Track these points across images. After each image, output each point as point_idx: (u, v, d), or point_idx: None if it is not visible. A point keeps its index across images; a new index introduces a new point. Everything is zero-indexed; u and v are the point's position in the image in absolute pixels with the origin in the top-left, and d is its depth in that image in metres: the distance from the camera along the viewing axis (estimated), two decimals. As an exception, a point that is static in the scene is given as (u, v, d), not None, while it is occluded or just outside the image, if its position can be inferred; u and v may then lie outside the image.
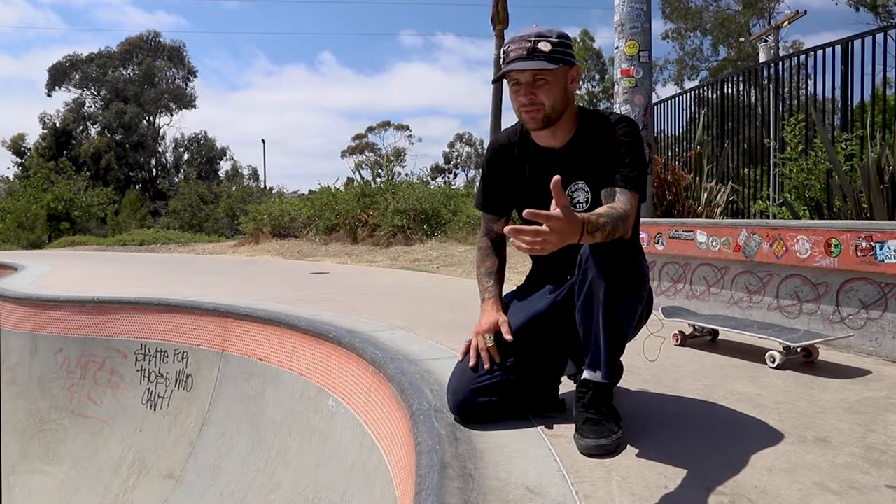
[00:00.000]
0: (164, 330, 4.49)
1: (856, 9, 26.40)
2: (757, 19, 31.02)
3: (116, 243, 17.17)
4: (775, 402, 2.12)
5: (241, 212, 17.37)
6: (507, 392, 1.91)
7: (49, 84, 41.02)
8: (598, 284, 1.72)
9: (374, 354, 2.69)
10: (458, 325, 3.40)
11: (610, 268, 1.70)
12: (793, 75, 6.49)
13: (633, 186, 1.81)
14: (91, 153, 37.98)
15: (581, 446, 1.71)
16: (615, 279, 1.71)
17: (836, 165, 4.43)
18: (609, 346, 1.77)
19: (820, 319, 2.92)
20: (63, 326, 5.25)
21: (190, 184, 30.04)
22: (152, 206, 33.09)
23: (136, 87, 40.84)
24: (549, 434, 1.83)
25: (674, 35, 33.34)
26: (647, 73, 4.61)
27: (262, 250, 11.77)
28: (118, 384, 4.64)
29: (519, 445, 1.75)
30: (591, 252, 1.71)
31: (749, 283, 3.31)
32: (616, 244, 1.68)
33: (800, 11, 18.21)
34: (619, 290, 1.71)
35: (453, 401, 1.91)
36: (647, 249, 3.96)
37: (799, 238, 2.98)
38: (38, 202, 21.87)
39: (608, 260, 1.69)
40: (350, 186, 13.40)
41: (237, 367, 3.80)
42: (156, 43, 42.45)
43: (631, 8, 4.53)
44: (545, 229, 1.39)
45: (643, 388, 2.30)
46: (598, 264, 1.69)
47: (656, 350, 2.68)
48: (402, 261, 8.28)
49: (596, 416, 1.77)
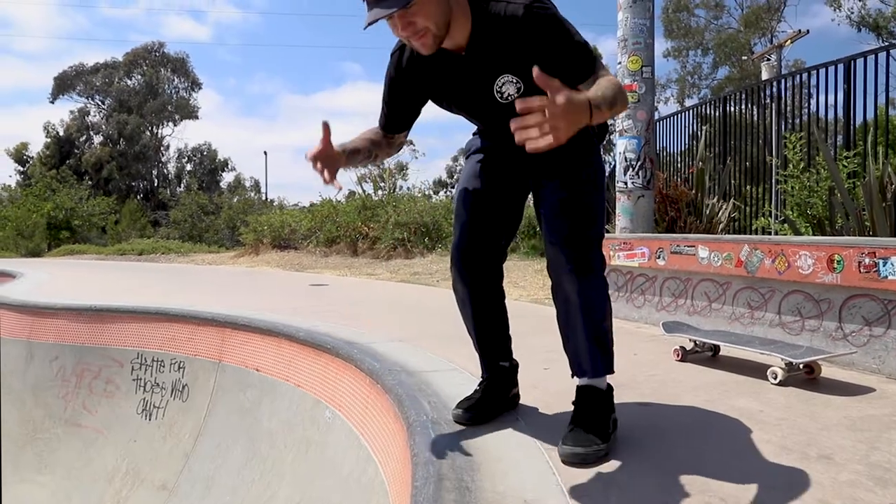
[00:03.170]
0: (161, 339, 4.46)
1: (857, 29, 26.57)
2: (758, 38, 31.23)
3: (116, 253, 17.17)
4: (777, 418, 2.09)
5: (241, 223, 17.37)
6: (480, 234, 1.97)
7: (54, 92, 41.22)
8: (571, 289, 1.79)
9: (372, 366, 2.67)
10: (458, 338, 3.36)
11: (576, 260, 1.77)
12: (795, 93, 6.51)
13: (592, 68, 1.67)
14: (93, 163, 38.08)
15: (559, 453, 1.72)
16: (580, 267, 1.77)
17: (838, 183, 4.42)
18: (591, 343, 1.81)
19: (822, 336, 2.90)
20: (59, 334, 5.22)
21: (191, 194, 30.10)
22: (153, 217, 33.11)
23: (140, 97, 41.02)
24: (547, 447, 1.80)
25: (675, 53, 33.55)
26: (649, 89, 4.61)
27: (262, 262, 11.76)
28: (113, 393, 4.61)
29: (517, 458, 1.73)
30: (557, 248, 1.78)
31: (751, 298, 3.28)
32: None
33: (802, 31, 18.31)
34: (587, 282, 1.78)
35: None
36: (648, 264, 3.94)
37: (801, 254, 2.96)
38: (38, 211, 21.87)
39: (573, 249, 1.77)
40: (351, 199, 13.40)
41: (234, 377, 3.77)
42: (160, 54, 42.69)
43: (634, 24, 4.54)
44: (555, 109, 1.28)
45: (643, 402, 2.27)
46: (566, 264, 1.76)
47: (657, 364, 2.65)
48: (403, 274, 8.25)
49: (582, 425, 1.76)
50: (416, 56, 1.80)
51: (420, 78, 1.87)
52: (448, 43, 1.72)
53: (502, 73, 1.76)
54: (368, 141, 1.94)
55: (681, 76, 33.81)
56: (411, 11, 1.59)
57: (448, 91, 1.88)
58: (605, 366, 1.86)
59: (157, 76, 42.02)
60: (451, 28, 1.68)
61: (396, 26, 1.63)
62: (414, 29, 1.62)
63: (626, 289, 4.13)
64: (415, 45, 1.69)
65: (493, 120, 1.91)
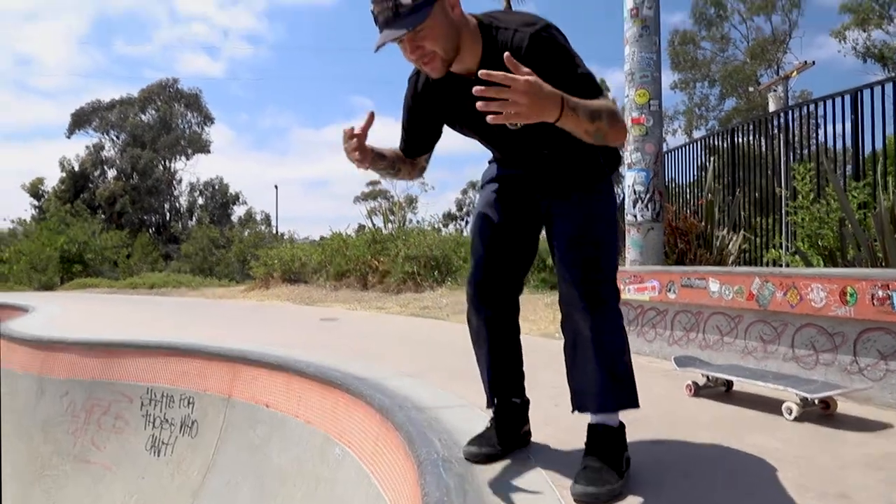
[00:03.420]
0: (171, 374, 4.46)
1: (863, 60, 26.72)
2: (765, 69, 31.44)
3: (127, 286, 17.26)
4: (794, 455, 2.05)
5: (252, 257, 17.44)
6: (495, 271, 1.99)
7: (70, 128, 41.94)
8: (585, 325, 1.79)
9: (382, 402, 2.65)
10: (468, 373, 3.34)
11: (590, 298, 1.78)
12: (803, 124, 6.52)
13: (596, 96, 1.67)
14: (106, 196, 38.50)
15: (572, 492, 1.69)
16: (593, 302, 1.78)
17: (849, 214, 4.40)
18: (605, 378, 1.81)
19: (837, 370, 2.86)
20: (70, 369, 5.22)
21: (202, 228, 30.34)
22: (164, 250, 33.33)
23: (154, 132, 41.63)
24: (559, 485, 1.77)
25: (682, 85, 33.78)
26: (657, 122, 4.64)
27: (272, 295, 11.78)
28: (122, 429, 4.59)
29: (529, 497, 1.70)
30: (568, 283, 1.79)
31: (763, 332, 3.25)
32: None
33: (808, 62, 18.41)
34: (600, 316, 1.78)
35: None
36: (659, 298, 3.92)
37: (813, 286, 2.94)
38: (51, 244, 22.06)
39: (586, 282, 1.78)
40: (361, 233, 13.46)
41: (243, 413, 3.75)
42: (174, 89, 43.43)
43: (641, 58, 4.58)
44: (517, 85, 1.38)
45: (657, 439, 2.24)
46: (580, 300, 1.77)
47: (670, 400, 2.62)
48: (412, 308, 8.24)
49: (594, 464, 1.74)
50: (430, 80, 1.84)
51: (434, 101, 1.91)
52: (459, 67, 1.76)
53: None
54: (394, 153, 2.00)
55: (688, 108, 34.01)
56: (420, 36, 1.64)
57: (459, 114, 1.91)
58: (624, 400, 1.84)
59: (170, 111, 42.69)
60: (460, 52, 1.73)
61: (406, 49, 1.69)
62: (422, 52, 1.67)
63: (637, 322, 4.10)
64: (424, 69, 1.74)
65: (504, 144, 1.95)
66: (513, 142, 1.89)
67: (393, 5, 1.59)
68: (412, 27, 1.60)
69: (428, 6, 1.61)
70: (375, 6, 1.62)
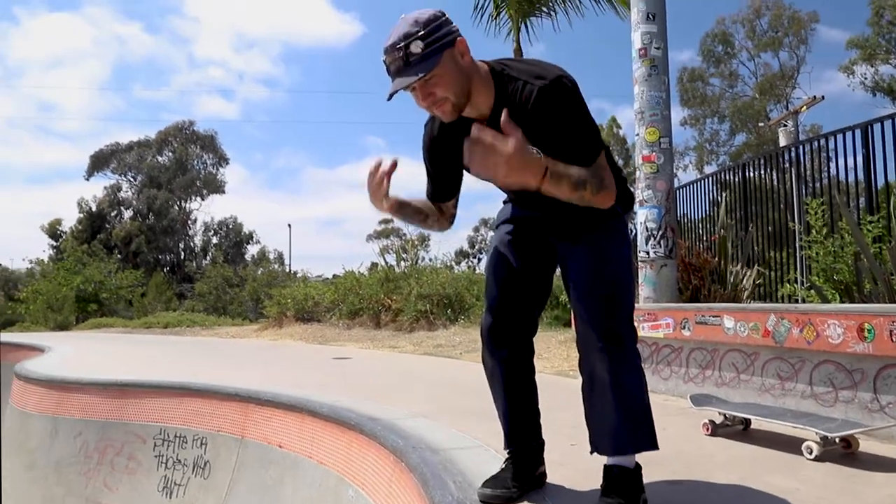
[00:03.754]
0: (183, 415, 4.45)
1: (872, 94, 26.84)
2: (774, 104, 31.61)
3: (142, 326, 17.33)
4: (816, 496, 2.01)
5: (265, 296, 17.50)
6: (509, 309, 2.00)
7: (89, 170, 42.76)
8: (602, 366, 1.79)
9: (396, 443, 2.63)
10: (482, 413, 3.31)
11: (608, 337, 1.78)
12: (814, 158, 6.53)
13: (593, 158, 1.72)
14: (122, 236, 39.00)
15: None
16: (611, 343, 1.78)
17: (863, 248, 4.37)
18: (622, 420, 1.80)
19: (858, 408, 2.81)
20: (84, 409, 5.23)
21: (216, 267, 30.53)
22: (178, 289, 33.53)
23: (170, 173, 42.32)
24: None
25: (692, 121, 34.01)
26: (668, 159, 4.67)
27: (286, 334, 11.78)
28: (135, 470, 4.57)
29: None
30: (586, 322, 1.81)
31: (780, 369, 3.21)
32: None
33: (817, 97, 18.51)
34: (618, 358, 1.79)
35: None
36: (673, 335, 3.90)
37: (830, 323, 2.91)
38: (68, 284, 22.28)
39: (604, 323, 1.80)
40: (374, 271, 13.49)
41: (256, 454, 3.73)
42: (190, 131, 44.25)
43: (650, 97, 4.63)
44: (502, 147, 1.49)
45: (674, 479, 2.20)
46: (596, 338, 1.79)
47: (686, 439, 2.58)
48: (426, 346, 8.21)
49: None
50: (444, 124, 1.88)
51: (449, 145, 1.93)
52: (471, 111, 1.79)
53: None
54: (422, 202, 2.04)
55: (699, 143, 34.19)
56: (431, 83, 1.68)
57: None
58: (643, 442, 1.82)
59: (186, 153, 43.44)
60: (472, 97, 1.76)
61: (418, 97, 1.73)
62: (434, 99, 1.71)
63: (652, 360, 4.06)
64: (436, 114, 1.78)
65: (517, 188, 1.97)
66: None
67: (403, 55, 1.64)
68: (422, 74, 1.64)
69: (437, 54, 1.65)
70: (387, 56, 1.67)
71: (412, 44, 1.63)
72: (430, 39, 1.65)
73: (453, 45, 1.69)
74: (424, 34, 1.64)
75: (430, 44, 1.64)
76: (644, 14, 4.66)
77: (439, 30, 1.67)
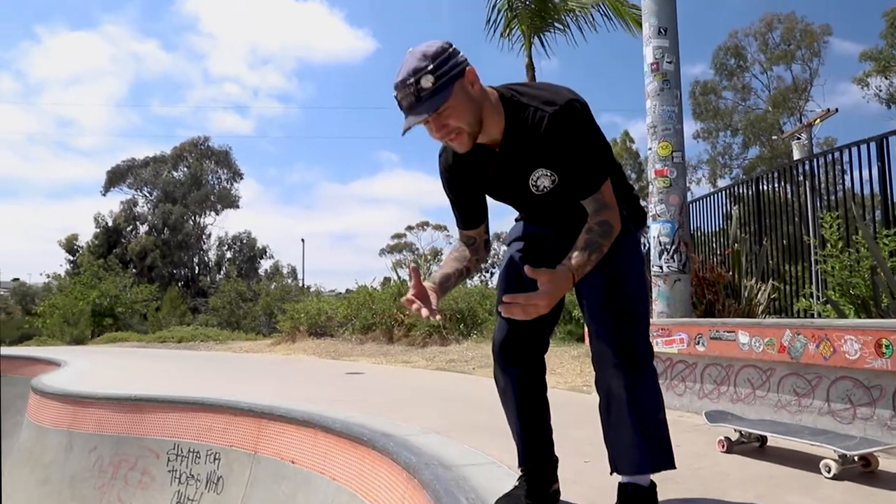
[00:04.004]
0: (197, 430, 4.47)
1: (887, 106, 26.66)
2: (787, 117, 31.47)
3: (156, 340, 17.44)
4: (834, 516, 1.98)
5: (278, 310, 17.56)
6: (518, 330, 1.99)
7: (106, 185, 43.24)
8: (618, 383, 1.80)
9: (409, 459, 2.63)
10: (495, 429, 3.30)
11: (622, 354, 1.79)
12: (828, 171, 6.49)
13: (596, 188, 1.76)
14: (138, 251, 39.34)
15: None
16: (627, 360, 1.79)
17: (880, 262, 4.33)
18: (639, 438, 1.80)
19: (877, 425, 2.77)
20: (98, 424, 5.26)
21: (230, 282, 30.66)
22: (192, 304, 33.71)
23: (185, 188, 42.72)
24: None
25: (705, 135, 33.91)
26: (680, 173, 4.65)
27: (299, 349, 11.81)
28: (149, 485, 4.58)
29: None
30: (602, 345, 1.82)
31: (797, 385, 3.18)
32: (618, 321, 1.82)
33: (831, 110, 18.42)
34: (634, 376, 1.80)
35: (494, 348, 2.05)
36: (687, 350, 3.87)
37: (846, 338, 2.88)
38: (84, 298, 22.47)
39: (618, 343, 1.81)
40: (387, 286, 13.50)
41: (269, 469, 3.74)
42: (205, 147, 44.68)
43: (662, 111, 4.63)
44: (538, 300, 1.57)
45: (688, 497, 2.18)
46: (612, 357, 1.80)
47: (701, 456, 2.56)
48: (438, 361, 8.20)
49: None
50: (457, 153, 1.89)
51: (466, 171, 1.95)
52: (484, 138, 1.80)
53: (536, 167, 1.82)
54: (454, 261, 2.03)
55: (711, 157, 34.08)
56: (443, 115, 1.68)
57: (487, 182, 1.95)
58: (660, 461, 1.81)
59: (201, 168, 43.84)
60: (484, 124, 1.76)
61: (432, 129, 1.72)
62: (448, 130, 1.71)
63: (667, 376, 4.03)
64: (451, 145, 1.78)
65: (532, 208, 1.97)
66: (540, 206, 1.93)
67: (415, 90, 1.64)
68: (435, 109, 1.65)
69: (448, 87, 1.66)
70: (398, 93, 1.68)
71: (422, 78, 1.63)
72: (440, 73, 1.65)
73: (463, 76, 1.69)
74: (434, 68, 1.64)
75: (440, 77, 1.65)
76: (656, 29, 4.67)
77: (448, 62, 1.67)
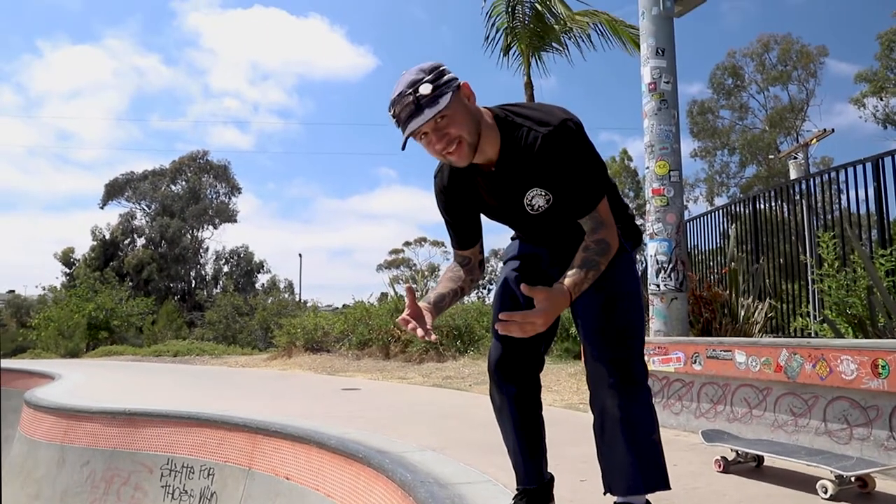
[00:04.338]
0: (191, 445, 4.43)
1: (883, 126, 26.86)
2: (784, 137, 31.65)
3: (152, 354, 17.36)
4: (831, 538, 1.97)
5: (275, 325, 17.51)
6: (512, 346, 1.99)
7: (104, 198, 43.23)
8: (613, 402, 1.79)
9: (404, 477, 2.61)
10: (490, 446, 3.28)
11: (617, 374, 1.79)
12: (825, 191, 6.53)
13: (592, 206, 1.76)
14: (134, 264, 39.24)
15: None
16: (622, 380, 1.79)
17: (876, 282, 4.34)
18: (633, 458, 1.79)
19: (873, 446, 2.76)
20: (92, 438, 5.22)
21: (227, 296, 30.59)
22: (189, 317, 33.59)
23: (183, 202, 42.73)
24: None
25: (702, 153, 34.07)
26: (678, 192, 4.67)
27: (295, 364, 11.75)
28: (141, 500, 4.54)
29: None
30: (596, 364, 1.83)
31: (793, 405, 3.17)
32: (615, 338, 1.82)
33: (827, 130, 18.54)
34: (629, 396, 1.79)
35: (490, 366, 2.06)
36: (684, 369, 3.86)
37: (843, 358, 2.88)
38: (80, 311, 22.38)
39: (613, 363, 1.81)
40: (384, 301, 13.48)
41: (263, 485, 3.71)
42: (204, 161, 44.76)
43: (660, 130, 4.66)
44: (534, 318, 1.58)
45: (686, 519, 2.17)
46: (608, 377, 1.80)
47: (697, 476, 2.55)
48: (435, 378, 8.17)
49: None
50: (453, 173, 1.90)
51: (462, 191, 1.95)
52: (480, 158, 1.79)
53: (531, 187, 1.82)
54: (449, 280, 2.03)
55: (709, 175, 34.19)
56: (444, 122, 1.67)
57: (483, 202, 1.96)
58: (654, 482, 1.80)
59: (199, 182, 43.88)
60: (481, 143, 1.75)
61: (431, 141, 1.70)
62: (449, 140, 1.69)
63: (663, 395, 4.02)
64: (451, 159, 1.75)
65: (527, 228, 1.98)
66: (536, 225, 1.93)
67: (414, 98, 1.64)
68: (437, 112, 1.64)
69: (447, 93, 1.66)
70: (396, 106, 1.67)
71: (421, 87, 1.64)
72: (438, 83, 1.66)
73: (459, 90, 1.70)
74: (431, 78, 1.66)
75: (438, 85, 1.66)
76: (654, 49, 4.71)
77: (443, 76, 1.68)
